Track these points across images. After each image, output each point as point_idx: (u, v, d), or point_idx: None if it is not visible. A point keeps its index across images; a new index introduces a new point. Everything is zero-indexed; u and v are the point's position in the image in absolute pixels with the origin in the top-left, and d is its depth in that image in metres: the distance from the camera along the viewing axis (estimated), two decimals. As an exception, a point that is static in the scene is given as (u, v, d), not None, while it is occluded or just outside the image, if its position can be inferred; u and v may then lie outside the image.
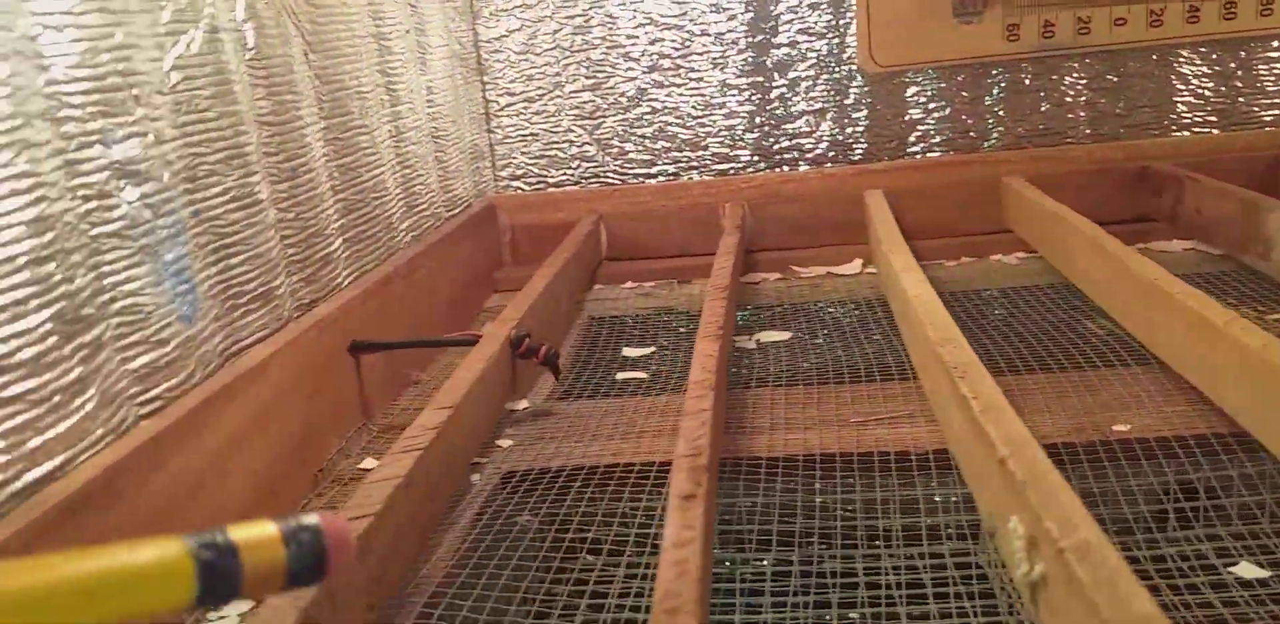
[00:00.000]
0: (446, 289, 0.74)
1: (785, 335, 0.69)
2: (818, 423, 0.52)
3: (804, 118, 0.93)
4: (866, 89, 0.92)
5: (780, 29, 0.92)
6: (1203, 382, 0.47)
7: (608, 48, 0.94)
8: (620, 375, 0.63)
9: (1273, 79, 0.89)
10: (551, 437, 0.53)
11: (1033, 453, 0.33)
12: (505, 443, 0.52)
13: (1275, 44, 0.88)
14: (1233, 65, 0.89)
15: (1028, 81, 0.91)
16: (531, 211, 0.91)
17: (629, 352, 0.68)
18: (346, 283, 0.60)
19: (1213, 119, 0.90)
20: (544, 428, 0.54)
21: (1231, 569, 0.38)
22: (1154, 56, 0.89)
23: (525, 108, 0.95)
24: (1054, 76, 0.90)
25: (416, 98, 0.77)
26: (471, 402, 0.44)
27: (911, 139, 0.93)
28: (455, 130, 0.86)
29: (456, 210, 0.84)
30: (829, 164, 0.93)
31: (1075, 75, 0.90)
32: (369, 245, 0.65)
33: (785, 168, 0.94)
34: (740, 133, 0.94)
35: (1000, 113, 0.91)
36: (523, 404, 0.58)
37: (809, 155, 0.94)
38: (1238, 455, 0.44)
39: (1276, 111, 0.89)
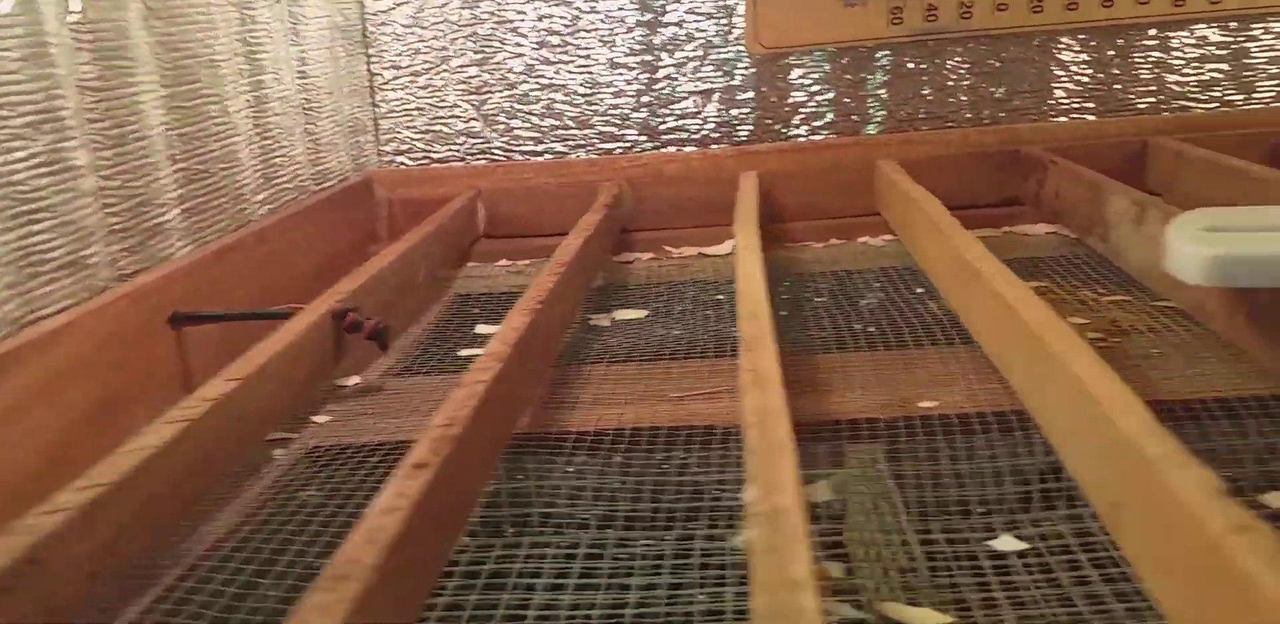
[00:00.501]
0: (307, 263, 0.73)
1: (642, 313, 0.69)
2: (639, 398, 0.52)
3: (691, 98, 0.93)
4: (753, 71, 0.92)
5: (669, 8, 0.91)
6: (998, 359, 0.48)
7: (496, 23, 0.93)
8: (464, 352, 0.62)
9: (1148, 67, 0.90)
10: (373, 413, 0.52)
11: (775, 424, 0.33)
12: (322, 419, 0.52)
13: (1151, 32, 0.89)
14: (1110, 53, 0.90)
15: (911, 65, 0.91)
16: (411, 186, 0.91)
17: (482, 329, 0.67)
18: (181, 254, 0.59)
19: (1090, 105, 0.91)
20: (368, 404, 0.54)
21: (990, 543, 0.38)
22: (1035, 43, 0.90)
23: (411, 82, 0.94)
24: (937, 60, 0.91)
25: (284, 69, 0.76)
26: (267, 375, 0.44)
27: (795, 121, 0.93)
28: (331, 103, 0.84)
29: (328, 184, 0.83)
30: (715, 145, 0.93)
31: (957, 60, 0.91)
32: (213, 216, 0.64)
33: (674, 148, 0.94)
34: (628, 112, 0.93)
35: (883, 96, 0.92)
36: (354, 380, 0.58)
37: (695, 136, 0.94)
38: (1030, 432, 0.45)
39: (1151, 99, 0.90)
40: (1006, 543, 0.38)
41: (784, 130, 0.93)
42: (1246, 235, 0.43)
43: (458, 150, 0.95)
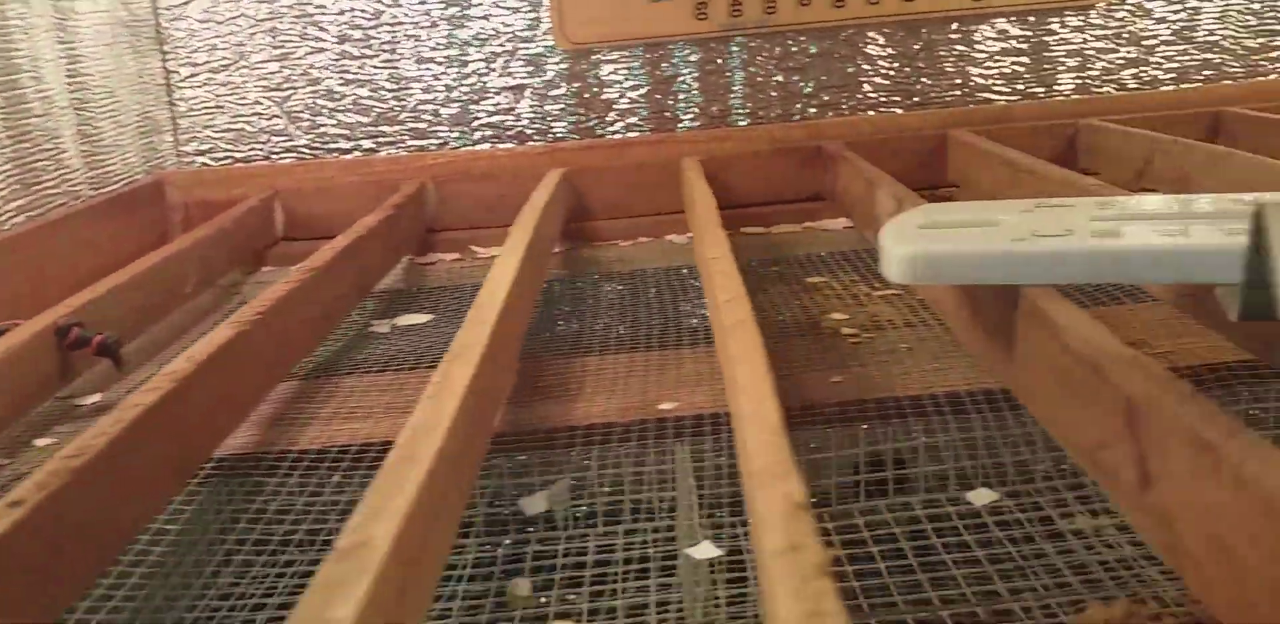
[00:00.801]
0: (73, 272, 0.69)
1: (426, 318, 0.67)
2: (382, 411, 0.50)
3: (503, 94, 0.91)
4: (564, 66, 0.91)
5: (474, 2, 0.89)
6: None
7: (295, 17, 0.89)
8: (223, 363, 0.60)
9: (952, 60, 0.91)
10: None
11: (426, 443, 0.31)
12: (43, 442, 0.49)
13: (954, 26, 0.91)
14: (916, 46, 0.91)
15: (721, 61, 0.91)
16: (208, 188, 0.87)
17: (254, 337, 0.65)
18: (-98, 268, 0.55)
19: (897, 99, 0.92)
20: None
21: (689, 550, 0.38)
22: (842, 37, 0.91)
23: (210, 79, 0.90)
24: (746, 56, 0.91)
25: (47, 67, 0.71)
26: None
27: (610, 117, 0.92)
28: (112, 103, 0.80)
29: (111, 187, 0.79)
30: (531, 142, 0.91)
31: (766, 55, 0.91)
32: (-52, 226, 0.60)
33: (488, 145, 0.92)
34: (438, 108, 0.91)
35: (695, 92, 0.91)
36: (94, 398, 0.55)
37: (510, 132, 0.92)
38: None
39: (957, 92, 0.92)
40: (703, 550, 0.38)
41: (598, 127, 0.92)
42: (953, 232, 0.43)
43: (262, 149, 0.91)
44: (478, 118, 0.91)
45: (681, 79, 0.91)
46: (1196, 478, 0.26)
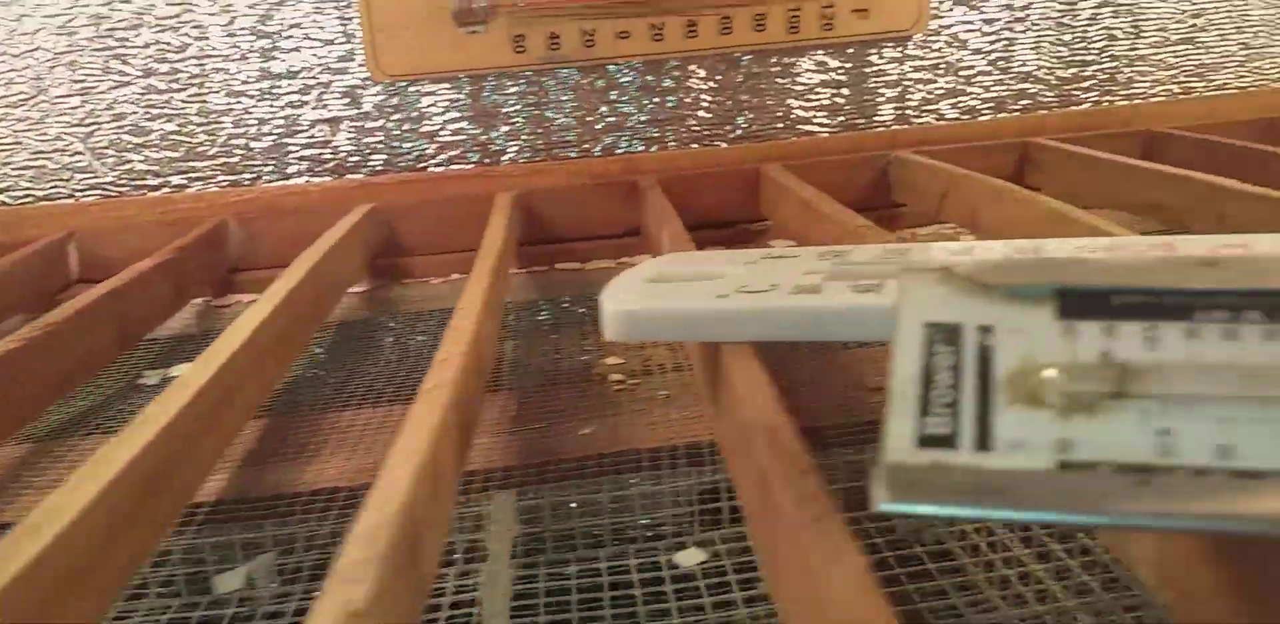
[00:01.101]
0: None
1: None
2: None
3: (318, 127, 0.89)
4: (382, 99, 0.89)
5: (285, 34, 0.87)
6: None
7: (96, 50, 0.86)
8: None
9: (773, 93, 0.92)
10: None
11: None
12: None
13: (774, 59, 0.91)
14: (738, 79, 0.91)
15: (541, 94, 0.90)
16: (1, 230, 0.83)
17: None
18: None
19: (720, 132, 0.92)
20: None
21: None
22: (664, 70, 0.90)
23: (7, 115, 0.86)
24: (567, 89, 0.90)
25: None
26: None
27: (431, 151, 0.90)
28: (-115, 141, 0.76)
29: (-118, 231, 0.75)
30: (348, 175, 0.89)
31: (587, 88, 0.90)
32: None
33: (304, 179, 0.89)
34: (249, 142, 0.88)
35: (519, 125, 0.90)
36: None
37: (326, 166, 0.90)
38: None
39: (779, 124, 0.92)
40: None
41: (418, 161, 0.90)
42: (672, 287, 0.42)
43: (64, 187, 0.88)
44: (292, 151, 0.89)
45: (503, 112, 0.90)
46: (782, 564, 0.25)
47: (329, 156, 0.89)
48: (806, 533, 0.24)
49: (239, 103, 0.88)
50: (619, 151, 0.90)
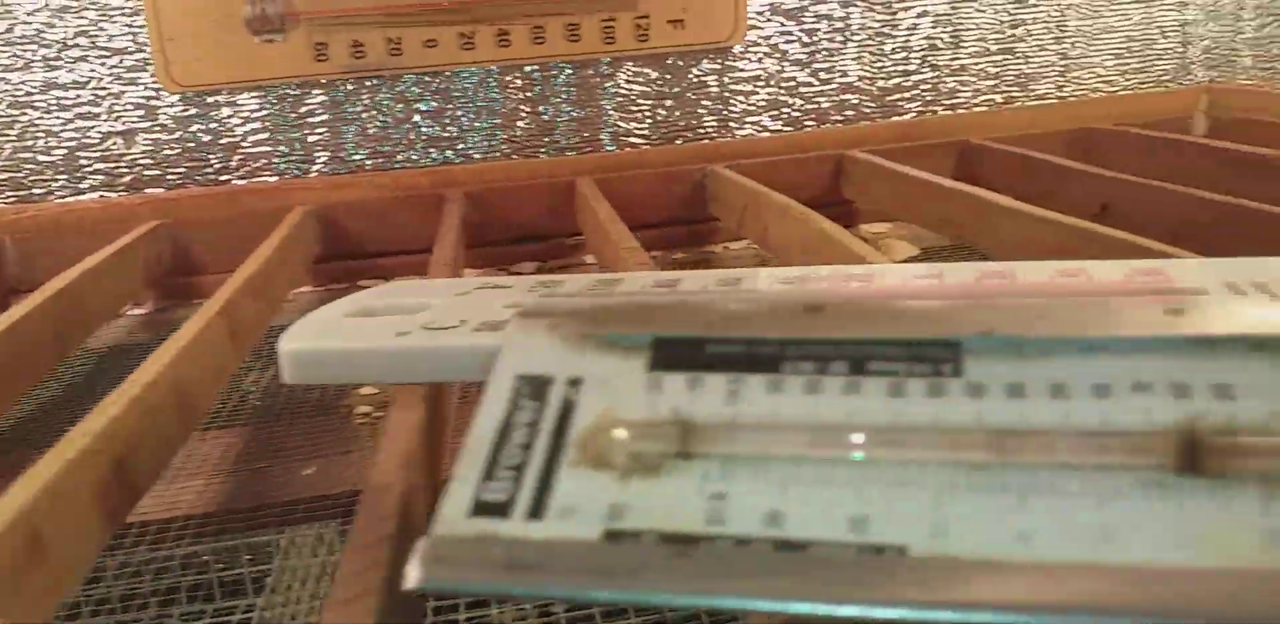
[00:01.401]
0: None
1: None
2: None
3: (111, 139, 0.85)
4: (178, 110, 0.85)
5: (71, 42, 0.83)
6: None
7: None
8: None
9: (593, 105, 0.90)
10: None
11: None
12: None
13: (591, 71, 0.89)
14: (557, 90, 0.89)
15: (347, 104, 0.87)
16: None
17: None
18: None
19: (539, 144, 0.90)
20: None
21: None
22: (477, 80, 0.88)
23: None
24: (374, 99, 0.87)
25: None
26: None
27: (234, 164, 0.86)
28: None
29: None
30: (146, 190, 0.85)
31: (394, 98, 0.87)
32: None
33: (98, 195, 0.85)
34: (36, 155, 0.84)
35: (325, 137, 0.87)
36: None
37: (123, 180, 0.85)
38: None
39: (602, 136, 0.90)
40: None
41: (218, 175, 0.86)
42: (365, 322, 0.39)
43: None
44: (84, 165, 0.84)
45: (307, 122, 0.86)
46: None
47: (124, 170, 0.85)
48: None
49: (24, 115, 0.83)
50: (429, 164, 0.88)
